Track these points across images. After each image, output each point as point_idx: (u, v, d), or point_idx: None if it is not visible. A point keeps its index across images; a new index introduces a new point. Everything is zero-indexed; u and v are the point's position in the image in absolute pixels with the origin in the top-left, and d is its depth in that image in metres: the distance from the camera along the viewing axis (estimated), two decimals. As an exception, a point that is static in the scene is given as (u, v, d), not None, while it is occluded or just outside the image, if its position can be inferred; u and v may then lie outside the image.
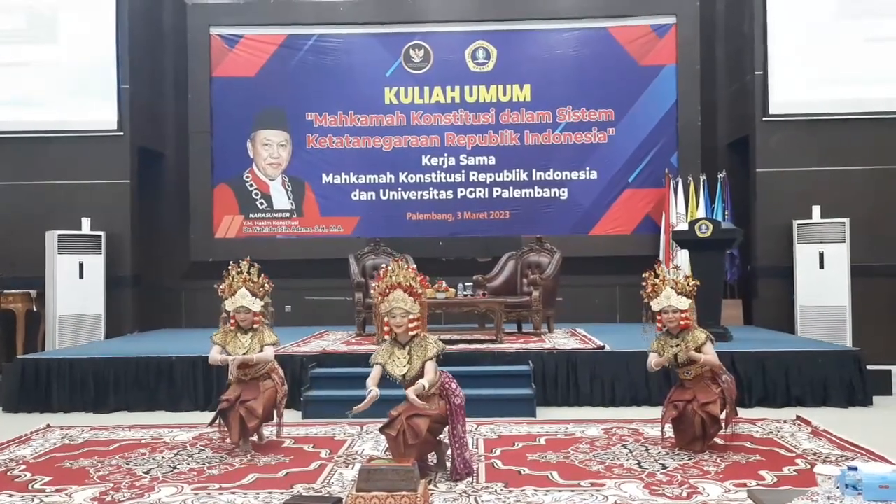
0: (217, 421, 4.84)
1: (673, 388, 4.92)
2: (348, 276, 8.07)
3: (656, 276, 4.79)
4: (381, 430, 4.19)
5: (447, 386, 4.22)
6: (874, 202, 8.42)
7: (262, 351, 4.85)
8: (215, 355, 4.85)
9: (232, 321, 4.86)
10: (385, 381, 4.21)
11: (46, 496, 3.97)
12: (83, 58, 8.84)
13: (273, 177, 9.63)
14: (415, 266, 4.39)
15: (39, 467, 4.53)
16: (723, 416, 4.70)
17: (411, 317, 4.15)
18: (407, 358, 4.14)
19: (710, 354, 4.68)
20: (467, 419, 5.37)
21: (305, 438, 5.18)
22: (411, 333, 4.17)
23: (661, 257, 8.81)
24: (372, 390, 4.05)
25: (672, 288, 4.71)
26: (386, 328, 4.19)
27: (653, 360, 4.80)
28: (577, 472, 4.27)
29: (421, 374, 4.10)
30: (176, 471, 4.40)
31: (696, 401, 4.64)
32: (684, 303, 4.69)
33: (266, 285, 4.93)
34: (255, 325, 4.87)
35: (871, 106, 8.49)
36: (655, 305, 4.76)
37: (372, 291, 4.32)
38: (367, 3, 9.68)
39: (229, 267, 4.92)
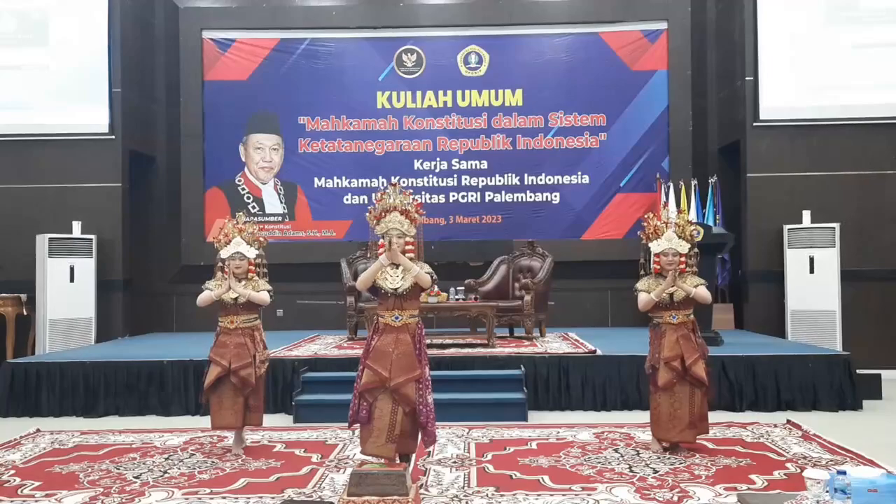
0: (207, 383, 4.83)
1: (656, 340, 4.82)
2: (340, 280, 8.08)
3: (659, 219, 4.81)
4: (362, 392, 4.06)
5: (421, 328, 4.23)
6: (864, 207, 8.46)
7: None
8: (207, 294, 4.81)
9: (227, 270, 4.83)
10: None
11: (36, 501, 3.96)
12: (74, 61, 8.79)
13: (265, 181, 9.61)
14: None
15: (29, 472, 4.51)
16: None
17: (407, 238, 4.18)
18: (400, 276, 4.15)
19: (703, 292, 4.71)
20: (460, 423, 5.48)
21: (297, 443, 5.18)
22: (407, 256, 4.18)
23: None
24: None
25: (674, 231, 4.75)
26: (381, 249, 4.20)
27: (652, 295, 4.72)
28: (569, 476, 4.28)
29: (413, 290, 4.13)
30: (167, 475, 4.39)
31: (682, 363, 4.65)
32: (684, 247, 4.74)
33: (261, 238, 4.96)
34: (250, 275, 4.87)
35: (861, 111, 8.54)
36: (656, 247, 4.78)
37: (367, 216, 4.30)
38: (360, 8, 9.70)
39: (226, 220, 4.94)
